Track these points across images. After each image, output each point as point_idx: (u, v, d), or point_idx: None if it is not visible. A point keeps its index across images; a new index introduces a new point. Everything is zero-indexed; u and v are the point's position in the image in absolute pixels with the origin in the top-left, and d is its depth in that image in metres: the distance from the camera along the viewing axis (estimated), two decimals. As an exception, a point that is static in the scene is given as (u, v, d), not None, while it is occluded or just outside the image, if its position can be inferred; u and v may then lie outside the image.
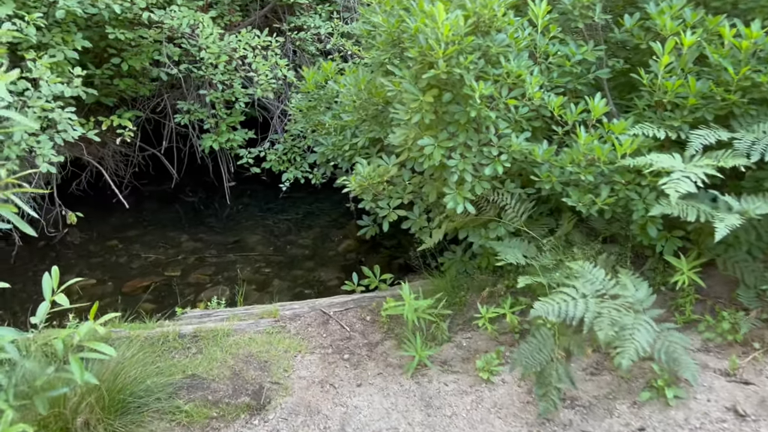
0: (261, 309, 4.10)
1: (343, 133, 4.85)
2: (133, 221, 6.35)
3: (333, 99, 5.06)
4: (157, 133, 7.11)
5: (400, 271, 5.43)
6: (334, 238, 6.11)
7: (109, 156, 6.68)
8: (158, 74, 6.17)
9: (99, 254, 5.71)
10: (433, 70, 3.19)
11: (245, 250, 5.87)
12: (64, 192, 6.41)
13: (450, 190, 3.43)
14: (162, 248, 5.85)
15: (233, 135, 6.55)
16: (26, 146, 4.20)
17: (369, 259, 5.70)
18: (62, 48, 5.16)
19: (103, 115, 6.28)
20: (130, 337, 3.71)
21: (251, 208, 6.73)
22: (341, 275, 5.46)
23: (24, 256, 5.56)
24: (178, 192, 6.98)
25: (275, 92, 7.00)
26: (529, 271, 3.42)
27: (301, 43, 7.17)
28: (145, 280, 5.31)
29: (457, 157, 3.36)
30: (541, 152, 3.34)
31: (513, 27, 3.45)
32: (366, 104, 4.27)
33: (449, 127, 3.41)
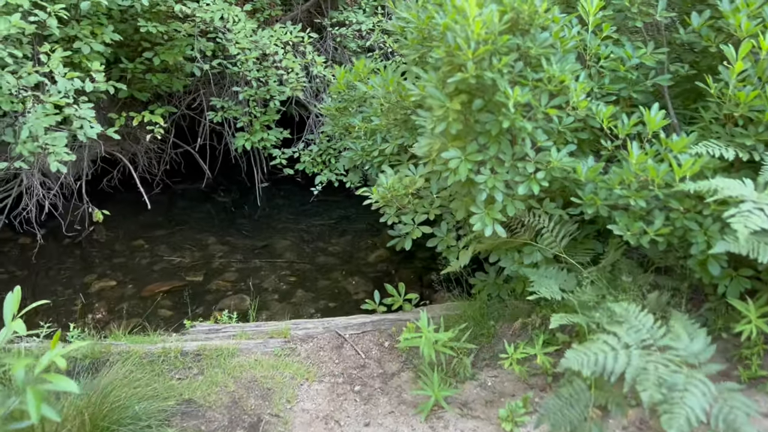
0: (272, 327, 3.79)
1: (373, 137, 4.50)
2: (162, 220, 6.18)
3: (364, 100, 4.71)
4: (193, 131, 6.93)
5: (432, 288, 5.04)
6: (365, 247, 5.76)
7: (142, 152, 6.54)
8: (192, 69, 5.96)
9: (123, 254, 5.56)
10: (460, 74, 2.79)
11: (272, 256, 5.60)
12: (95, 188, 6.31)
13: (478, 209, 3.02)
14: (188, 250, 5.65)
15: (267, 134, 6.29)
16: (42, 143, 4.03)
17: (400, 272, 5.34)
18: (90, 41, 4.99)
19: (138, 110, 6.13)
20: (129, 352, 3.48)
21: (283, 211, 6.46)
22: (369, 288, 5.11)
23: (47, 253, 5.46)
24: (210, 191, 6.79)
25: (312, 90, 6.72)
26: (566, 305, 2.98)
27: (342, 40, 6.84)
28: (165, 284, 5.11)
29: (486, 173, 2.95)
30: (584, 170, 2.89)
31: (558, 25, 3.01)
32: (395, 108, 3.90)
33: (479, 139, 3.00)
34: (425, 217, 3.65)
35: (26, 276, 5.16)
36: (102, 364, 3.38)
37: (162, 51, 5.86)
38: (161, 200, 6.53)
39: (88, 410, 2.82)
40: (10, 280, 5.08)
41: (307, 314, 4.81)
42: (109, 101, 6.40)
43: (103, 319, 4.63)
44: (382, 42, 6.44)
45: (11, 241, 5.50)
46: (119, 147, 6.52)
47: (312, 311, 4.84)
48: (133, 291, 5.02)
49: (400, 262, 5.49)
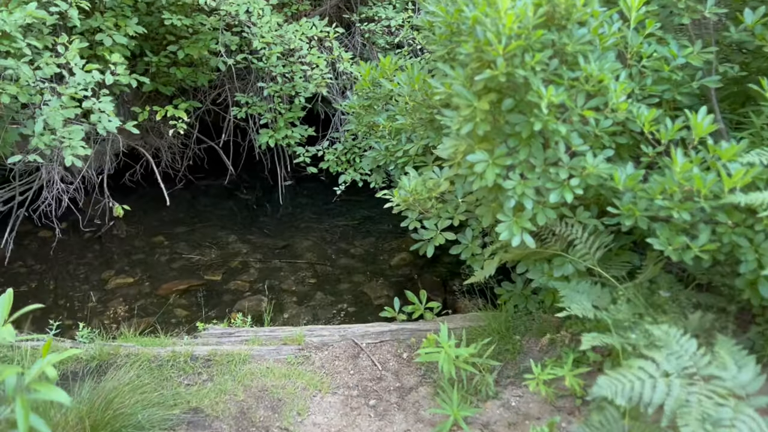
0: (286, 333, 3.64)
1: (398, 137, 4.32)
2: (183, 216, 6.09)
3: (389, 98, 4.53)
4: (217, 126, 6.84)
5: (455, 295, 4.84)
6: (388, 249, 5.58)
7: (165, 147, 6.47)
8: (217, 64, 5.86)
9: (142, 250, 5.47)
10: (490, 71, 2.58)
11: (293, 257, 5.46)
12: (117, 182, 6.26)
13: (505, 217, 2.81)
14: (208, 248, 5.55)
15: (291, 131, 6.16)
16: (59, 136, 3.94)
17: (423, 277, 5.15)
18: (112, 33, 4.91)
19: (162, 104, 6.06)
20: (138, 354, 3.36)
21: (306, 210, 6.32)
22: (390, 292, 4.94)
23: (66, 247, 5.41)
24: (233, 188, 6.69)
25: (339, 87, 6.57)
26: (599, 323, 2.75)
27: (371, 36, 6.67)
28: (183, 282, 5.00)
29: (515, 178, 2.74)
30: (623, 178, 2.66)
31: (598, 20, 2.78)
32: (421, 106, 3.71)
33: (508, 141, 2.79)
34: (449, 223, 3.45)
35: (44, 270, 5.11)
36: (109, 366, 3.26)
37: (187, 44, 5.76)
38: (183, 196, 6.45)
39: (90, 417, 2.70)
40: (29, 274, 5.04)
41: (325, 318, 4.66)
42: (134, 95, 6.35)
43: (117, 317, 4.54)
44: (411, 38, 6.25)
45: (31, 234, 5.46)
46: (143, 141, 6.46)
47: (330, 315, 4.68)
48: (150, 289, 4.93)
49: (423, 266, 5.30)
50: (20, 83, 3.80)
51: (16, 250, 5.25)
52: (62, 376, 3.17)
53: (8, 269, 5.04)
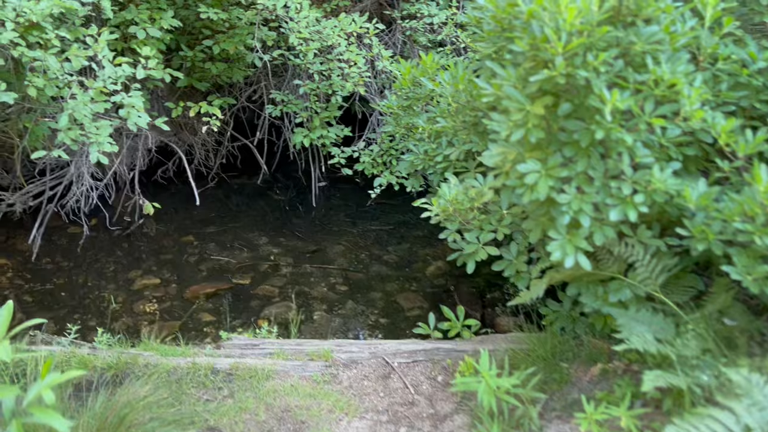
0: (313, 347, 3.41)
1: (438, 140, 4.05)
2: (214, 216, 5.93)
3: (430, 99, 4.27)
4: (252, 124, 6.68)
5: (495, 309, 4.56)
6: (423, 257, 5.32)
7: (199, 144, 6.33)
8: (253, 60, 5.68)
9: (171, 250, 5.33)
10: (547, 71, 2.30)
11: (324, 262, 5.24)
12: (150, 178, 6.15)
13: (557, 234, 2.53)
14: (238, 250, 5.37)
15: (327, 131, 5.94)
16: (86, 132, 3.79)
17: (460, 288, 4.86)
18: (147, 25, 4.77)
19: (197, 100, 5.91)
20: (157, 365, 3.17)
21: (339, 213, 6.10)
22: (425, 304, 4.67)
23: (95, 244, 5.29)
24: (266, 188, 6.51)
25: (377, 86, 6.33)
26: (662, 357, 2.45)
27: (412, 33, 6.41)
28: (210, 285, 4.83)
29: (571, 192, 2.45)
30: (695, 196, 2.35)
31: (670, 17, 2.47)
32: (464, 109, 3.44)
33: (564, 150, 2.50)
34: (492, 236, 3.17)
35: (72, 267, 5.00)
36: (126, 376, 3.09)
37: (222, 39, 5.60)
38: (216, 195, 6.31)
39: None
40: (56, 271, 4.94)
41: (355, 329, 4.43)
42: (168, 90, 6.22)
43: (140, 320, 4.39)
44: (454, 36, 5.97)
45: (60, 230, 5.37)
46: (176, 138, 6.34)
47: (361, 326, 4.44)
48: (176, 291, 4.77)
49: (460, 276, 5.02)
50: (48, 75, 3.66)
51: (45, 246, 5.16)
52: (76, 386, 3.00)
53: (35, 265, 4.95)
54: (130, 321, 4.40)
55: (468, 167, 3.83)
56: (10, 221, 5.26)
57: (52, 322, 4.33)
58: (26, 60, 3.62)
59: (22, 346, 3.24)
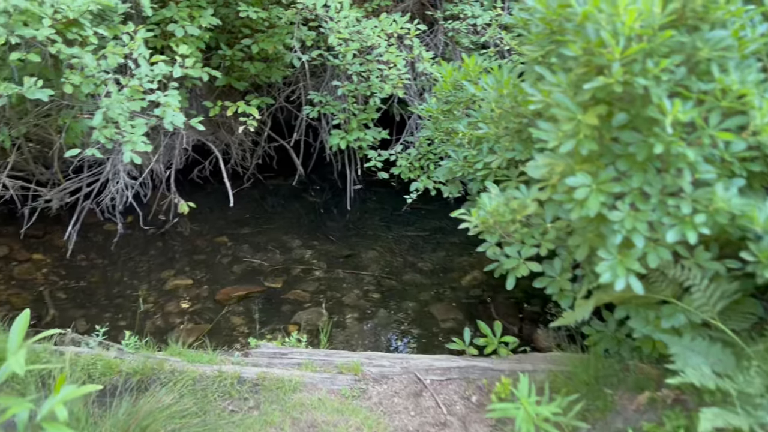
0: (342, 359, 3.29)
1: (479, 147, 3.89)
2: (249, 217, 5.88)
3: (472, 103, 4.11)
4: (289, 124, 6.61)
5: (534, 323, 4.37)
6: (459, 266, 5.15)
7: (236, 144, 6.28)
8: (291, 60, 5.60)
9: (204, 250, 5.28)
10: (602, 78, 2.13)
11: (357, 267, 5.12)
12: (186, 177, 6.12)
13: (607, 254, 2.34)
14: (271, 252, 5.29)
15: (364, 133, 5.83)
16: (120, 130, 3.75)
17: (497, 299, 4.68)
18: (186, 23, 4.72)
19: (235, 100, 5.87)
20: (183, 372, 3.09)
21: (374, 217, 5.97)
22: (459, 316, 4.52)
23: (129, 242, 5.28)
24: (302, 190, 6.43)
25: (417, 89, 6.19)
26: (720, 392, 2.24)
27: (454, 35, 6.25)
28: (242, 288, 4.76)
29: (624, 209, 2.27)
30: (762, 217, 2.14)
31: (740, 20, 2.27)
32: (508, 114, 3.28)
33: (618, 163, 2.32)
34: (535, 251, 2.99)
35: (105, 265, 4.99)
36: (151, 383, 3.02)
37: (261, 39, 5.54)
38: (251, 195, 6.25)
39: (122, 446, 2.45)
40: (89, 268, 4.94)
41: (386, 339, 4.30)
42: (207, 89, 6.20)
43: (170, 322, 4.34)
44: (498, 38, 5.78)
45: (96, 227, 5.37)
46: (213, 137, 6.31)
47: (392, 337, 4.31)
48: (208, 293, 4.71)
49: (497, 287, 4.83)
50: (84, 73, 3.63)
51: (81, 242, 5.17)
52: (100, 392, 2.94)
53: (71, 261, 4.96)
54: (161, 322, 4.36)
55: (510, 176, 3.65)
56: (48, 217, 5.29)
57: (84, 320, 4.32)
58: (64, 57, 3.59)
59: (50, 347, 3.21)
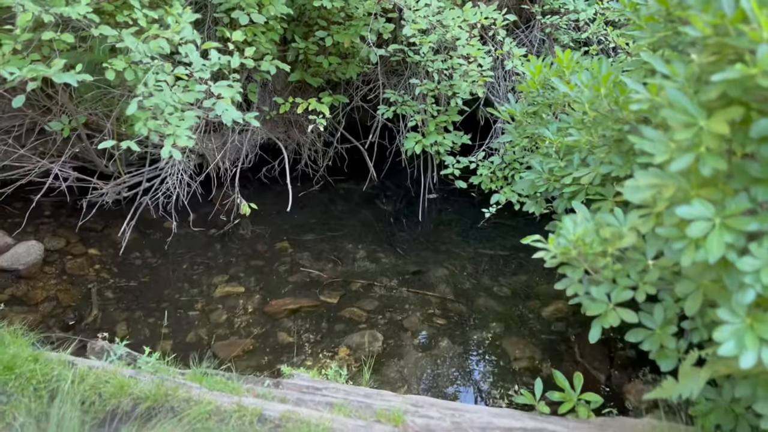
0: (383, 402, 2.77)
1: (569, 157, 3.25)
2: (314, 222, 5.48)
3: (564, 105, 3.48)
4: (365, 125, 6.17)
5: (628, 370, 3.66)
6: (541, 294, 4.49)
7: (308, 144, 5.93)
8: (368, 54, 5.15)
9: (263, 256, 4.93)
10: (740, 67, 1.48)
11: (424, 287, 4.58)
12: (255, 175, 5.84)
13: (732, 316, 1.68)
14: (332, 263, 4.86)
15: (443, 137, 5.28)
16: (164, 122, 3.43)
17: (582, 338, 3.99)
18: (252, 11, 4.38)
19: (310, 96, 5.52)
20: (199, 401, 2.68)
21: (449, 230, 5.40)
22: (536, 354, 3.87)
23: (187, 243, 5.02)
24: (373, 196, 5.97)
25: (505, 89, 5.57)
26: None
27: (552, 31, 5.57)
28: (295, 301, 4.35)
29: (762, 255, 1.60)
30: None
31: None
32: (606, 119, 2.63)
33: (755, 190, 1.65)
34: (630, 295, 2.33)
35: (159, 264, 4.75)
36: (161, 411, 2.63)
37: (336, 31, 5.13)
38: (319, 199, 5.87)
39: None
40: (142, 267, 4.71)
41: (444, 375, 3.73)
42: (282, 84, 5.89)
43: (214, 332, 3.99)
44: (603, 35, 5.05)
45: (155, 224, 5.16)
46: (285, 135, 5.99)
47: (452, 373, 3.73)
48: (259, 303, 4.34)
49: (583, 324, 4.14)
50: (130, 58, 3.33)
51: (138, 240, 4.98)
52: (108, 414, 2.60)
53: (125, 259, 4.76)
54: (203, 332, 4.02)
55: (604, 195, 2.99)
56: (110, 211, 5.14)
57: (125, 324, 4.06)
58: (111, 40, 3.31)
59: (65, 357, 2.91)
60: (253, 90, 5.34)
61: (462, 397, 3.55)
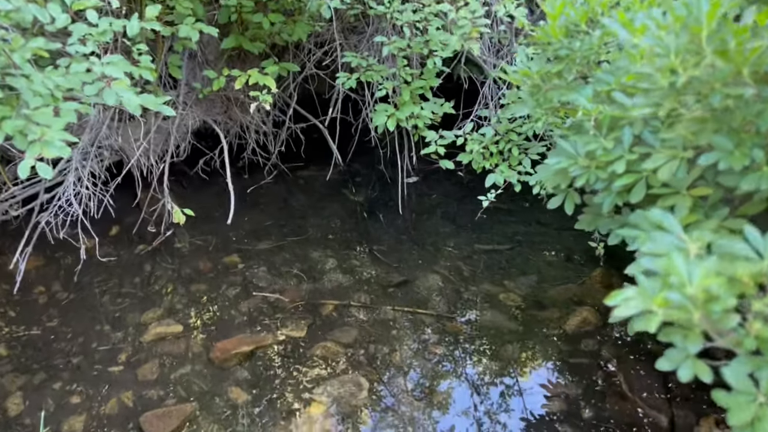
0: None
1: (616, 134, 2.26)
2: (270, 224, 4.44)
3: (599, 59, 2.48)
4: (323, 99, 5.10)
5: (696, 407, 2.79)
6: (561, 300, 3.57)
7: (253, 126, 4.83)
8: (318, 8, 4.06)
9: (206, 277, 3.89)
10: None
11: (412, 302, 3.62)
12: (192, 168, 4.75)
13: None
14: (294, 279, 3.85)
15: (420, 108, 4.25)
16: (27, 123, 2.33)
17: (626, 365, 3.09)
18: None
19: (252, 66, 4.41)
20: None
21: (435, 222, 4.43)
22: (570, 389, 2.96)
23: (106, 268, 3.93)
24: (339, 184, 4.93)
25: (492, 43, 4.54)
26: None
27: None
28: (248, 340, 3.35)
29: None
30: None
31: None
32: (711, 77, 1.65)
33: None
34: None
35: (70, 302, 3.66)
36: None
37: (276, -19, 4.02)
38: (275, 193, 4.82)
39: None
40: (47, 306, 3.63)
41: None
42: (215, 53, 4.75)
43: (142, 398, 2.97)
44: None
45: (67, 245, 4.01)
46: (226, 116, 4.88)
47: (466, 427, 2.80)
48: (202, 347, 3.32)
49: (626, 341, 3.24)
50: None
51: (44, 268, 3.89)
52: None
53: (22, 297, 3.66)
54: (129, 397, 3.00)
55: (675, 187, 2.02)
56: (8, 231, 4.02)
57: (20, 395, 3.01)
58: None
59: None
60: (176, 64, 4.21)
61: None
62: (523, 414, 2.87)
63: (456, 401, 2.95)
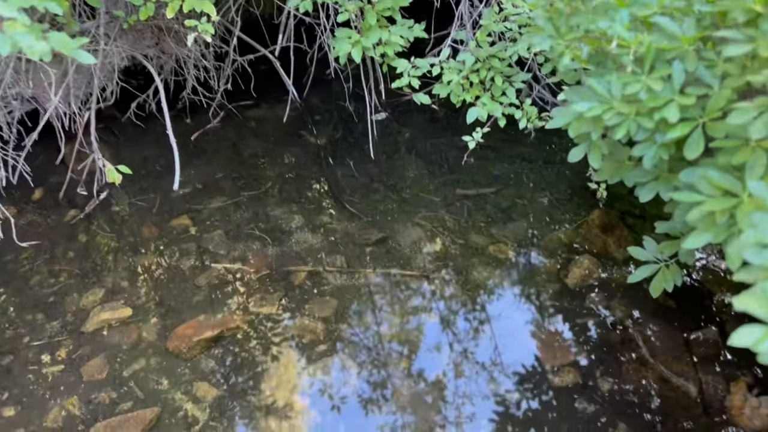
0: None
1: (664, 71, 1.82)
2: (222, 177, 3.86)
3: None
4: (272, 25, 4.42)
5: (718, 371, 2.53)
6: (556, 249, 3.22)
7: (191, 59, 4.14)
8: None
9: (152, 246, 3.34)
10: None
11: (394, 262, 3.20)
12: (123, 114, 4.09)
13: None
14: (257, 242, 3.36)
15: (388, 33, 3.65)
16: None
17: (645, 325, 2.79)
18: None
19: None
20: None
21: (410, 165, 3.94)
22: (580, 357, 2.65)
23: (32, 238, 3.32)
24: (297, 125, 4.34)
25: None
26: None
27: None
28: (212, 322, 2.88)
29: None
30: None
31: None
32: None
33: None
34: None
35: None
36: None
37: None
38: (223, 139, 4.20)
39: None
40: (-35, 295, 3.05)
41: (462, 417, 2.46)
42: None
43: (89, 405, 2.50)
44: None
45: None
46: (158, 50, 4.16)
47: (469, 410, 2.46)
48: (156, 335, 2.83)
49: (639, 292, 2.93)
50: None
51: (-47, 247, 3.26)
52: None
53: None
54: (74, 404, 2.52)
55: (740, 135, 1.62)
56: None
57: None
58: None
59: None
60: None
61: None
62: (534, 390, 2.55)
63: (456, 381, 2.61)
